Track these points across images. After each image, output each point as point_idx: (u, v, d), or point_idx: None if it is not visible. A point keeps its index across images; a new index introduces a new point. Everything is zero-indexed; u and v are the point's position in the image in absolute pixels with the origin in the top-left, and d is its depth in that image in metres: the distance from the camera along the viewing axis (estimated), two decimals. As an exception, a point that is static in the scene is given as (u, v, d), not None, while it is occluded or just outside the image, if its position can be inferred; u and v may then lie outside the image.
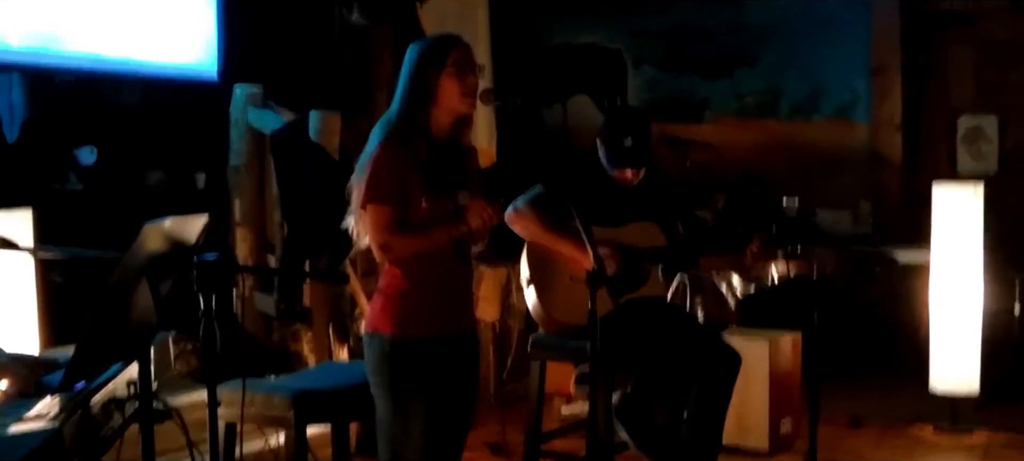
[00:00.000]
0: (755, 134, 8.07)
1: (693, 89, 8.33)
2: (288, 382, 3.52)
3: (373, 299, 3.08)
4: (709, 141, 7.58)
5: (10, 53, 4.37)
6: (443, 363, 2.99)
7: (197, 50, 5.24)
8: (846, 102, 7.81)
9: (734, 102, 8.21)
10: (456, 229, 2.91)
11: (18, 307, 3.39)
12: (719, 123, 8.22)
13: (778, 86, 8.03)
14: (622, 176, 4.07)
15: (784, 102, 8.04)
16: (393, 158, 2.91)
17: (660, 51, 8.41)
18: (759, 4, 8.01)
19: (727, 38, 8.14)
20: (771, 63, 8.03)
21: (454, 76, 2.97)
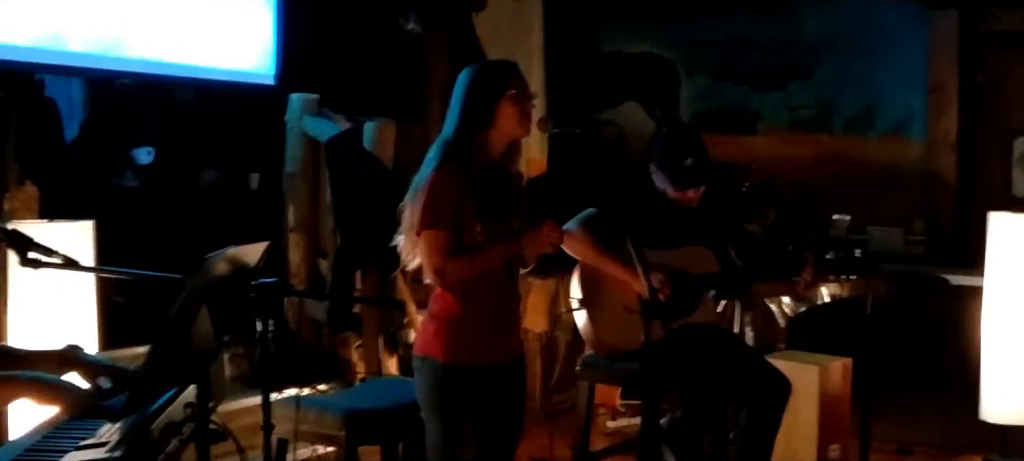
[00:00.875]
0: (807, 148, 8.00)
1: (746, 101, 8.27)
2: (339, 400, 3.55)
3: (424, 323, 3.10)
4: (764, 166, 7.50)
5: (73, 57, 4.44)
6: (494, 390, 3.00)
7: (255, 56, 5.29)
8: (901, 119, 7.71)
9: (787, 115, 8.14)
10: (510, 250, 2.91)
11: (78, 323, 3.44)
12: (771, 136, 8.16)
13: (832, 100, 7.95)
14: (684, 197, 4.04)
15: (838, 117, 7.96)
16: (449, 182, 2.91)
17: (713, 61, 8.36)
18: (816, 17, 7.94)
19: (782, 50, 8.07)
20: (826, 77, 7.95)
21: (513, 102, 2.98)
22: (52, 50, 4.31)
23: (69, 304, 3.47)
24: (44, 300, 3.41)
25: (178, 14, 4.87)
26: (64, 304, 3.45)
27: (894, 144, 7.72)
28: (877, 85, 7.75)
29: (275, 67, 5.32)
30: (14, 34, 4.14)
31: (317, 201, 5.18)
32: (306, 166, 5.15)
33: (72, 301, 3.46)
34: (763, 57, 8.14)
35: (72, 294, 3.41)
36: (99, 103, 5.65)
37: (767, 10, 8.10)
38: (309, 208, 5.18)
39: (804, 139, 8.04)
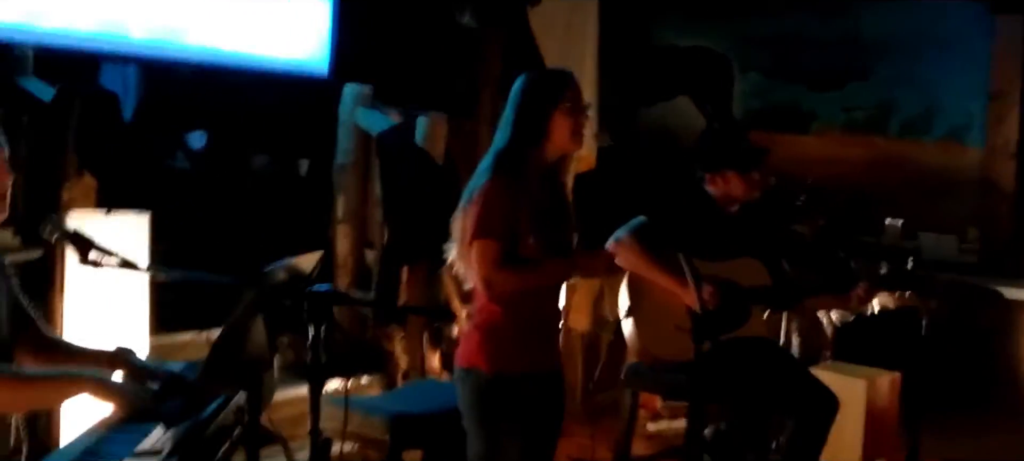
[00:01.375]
0: (862, 150, 7.89)
1: (799, 99, 8.17)
2: (384, 402, 3.57)
3: (467, 333, 3.08)
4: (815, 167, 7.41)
5: (132, 45, 4.49)
6: (536, 400, 2.99)
7: (311, 47, 5.32)
8: (960, 124, 7.58)
9: (842, 116, 8.03)
10: (566, 273, 2.94)
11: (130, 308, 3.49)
12: (824, 136, 8.06)
13: (889, 102, 7.83)
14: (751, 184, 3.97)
15: (895, 119, 7.84)
16: (502, 193, 2.89)
17: (768, 58, 8.26)
18: (876, 16, 7.80)
19: (839, 49, 7.95)
20: (884, 78, 7.83)
21: (567, 114, 2.95)
22: (113, 37, 4.36)
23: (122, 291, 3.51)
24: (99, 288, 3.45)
25: (236, 4, 4.90)
26: (117, 290, 3.49)
27: (951, 149, 7.59)
28: (936, 88, 7.61)
29: (329, 59, 5.34)
30: (76, 21, 4.20)
31: (366, 193, 5.19)
32: (357, 158, 5.17)
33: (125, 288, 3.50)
34: (819, 55, 8.03)
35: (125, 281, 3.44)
36: (154, 88, 5.70)
37: (825, 7, 7.98)
38: (358, 200, 5.20)
39: (858, 141, 7.93)
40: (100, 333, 3.47)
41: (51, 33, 4.22)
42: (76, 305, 3.46)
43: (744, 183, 3.96)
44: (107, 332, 3.47)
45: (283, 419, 4.11)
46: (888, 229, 7.55)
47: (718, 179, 3.99)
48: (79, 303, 3.45)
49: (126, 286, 3.43)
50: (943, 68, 7.56)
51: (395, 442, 3.30)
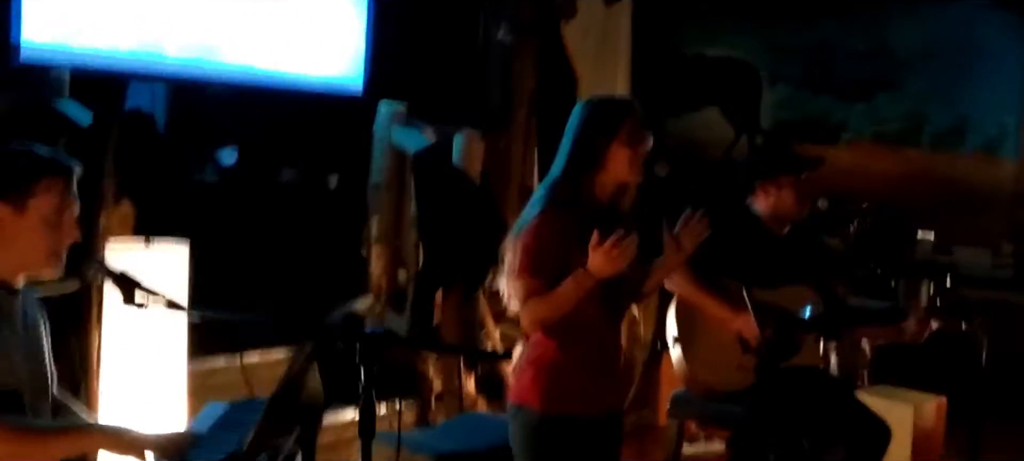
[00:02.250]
0: (893, 162, 7.80)
1: (830, 111, 8.08)
2: (430, 439, 3.48)
3: (522, 369, 2.98)
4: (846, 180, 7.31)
5: (167, 64, 4.42)
6: (591, 441, 2.89)
7: (344, 64, 5.25)
8: (993, 137, 7.48)
9: (872, 127, 7.94)
10: (581, 282, 2.71)
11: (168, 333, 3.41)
12: (855, 148, 7.97)
13: (921, 114, 7.74)
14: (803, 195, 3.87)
15: (927, 131, 7.74)
16: (553, 229, 2.79)
17: (798, 69, 8.18)
18: (907, 28, 7.71)
19: (870, 60, 7.87)
20: (915, 90, 7.74)
21: (625, 145, 2.86)
22: (149, 56, 4.29)
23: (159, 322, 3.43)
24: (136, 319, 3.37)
25: (270, 22, 4.85)
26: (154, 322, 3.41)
27: (984, 162, 7.50)
28: (968, 100, 7.52)
29: (363, 76, 5.27)
30: (112, 41, 4.13)
31: (401, 213, 5.11)
32: (392, 177, 5.08)
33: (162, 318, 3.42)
34: (850, 66, 7.95)
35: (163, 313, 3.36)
36: (183, 105, 5.63)
37: (856, 18, 7.89)
38: (393, 220, 5.11)
39: (889, 153, 7.83)
40: (137, 364, 3.39)
41: (87, 53, 4.15)
42: (114, 337, 3.38)
43: (796, 193, 3.86)
44: (144, 363, 3.39)
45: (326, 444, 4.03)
46: (920, 243, 7.46)
47: (771, 188, 3.88)
48: (116, 335, 3.38)
49: (163, 317, 3.34)
50: (975, 80, 7.47)
51: (443, 480, 3.22)
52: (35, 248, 2.30)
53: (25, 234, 2.27)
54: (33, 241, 2.28)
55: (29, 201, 2.26)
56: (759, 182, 3.91)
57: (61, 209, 2.31)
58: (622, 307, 2.98)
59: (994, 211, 7.35)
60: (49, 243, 2.31)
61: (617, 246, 2.64)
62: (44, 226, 2.28)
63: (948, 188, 7.52)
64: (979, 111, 7.51)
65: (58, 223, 2.30)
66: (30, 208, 2.26)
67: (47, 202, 2.28)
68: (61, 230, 2.31)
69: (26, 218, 2.26)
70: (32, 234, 2.28)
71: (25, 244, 2.28)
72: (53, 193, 2.29)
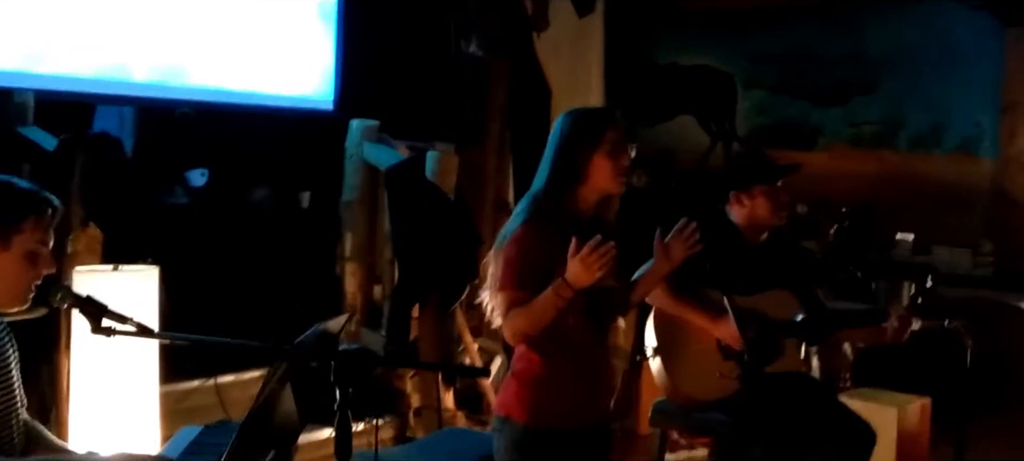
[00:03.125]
0: (870, 165, 7.80)
1: (806, 116, 8.08)
2: (408, 455, 3.43)
3: (506, 382, 2.94)
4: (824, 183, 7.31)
5: (135, 87, 4.36)
6: (576, 455, 2.85)
7: (315, 82, 5.19)
8: (970, 136, 7.49)
9: (849, 131, 7.94)
10: (559, 292, 2.64)
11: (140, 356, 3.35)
12: (832, 151, 7.97)
13: (897, 116, 7.75)
14: (779, 204, 3.84)
15: (903, 133, 7.75)
16: (537, 239, 2.75)
17: (773, 75, 8.19)
18: (881, 30, 7.73)
19: (845, 64, 7.88)
20: (891, 92, 7.75)
21: (608, 156, 2.82)
22: (115, 80, 4.24)
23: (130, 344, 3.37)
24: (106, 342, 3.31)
25: (238, 42, 4.79)
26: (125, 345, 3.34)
27: (962, 162, 7.50)
28: (945, 101, 7.53)
29: (334, 93, 5.22)
30: (77, 65, 4.06)
31: (375, 229, 5.06)
32: (364, 194, 5.04)
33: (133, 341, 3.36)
34: (825, 71, 7.96)
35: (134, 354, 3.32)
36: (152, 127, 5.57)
37: (830, 23, 7.91)
38: (366, 236, 5.07)
39: (867, 156, 7.84)
40: (108, 388, 3.33)
41: (51, 78, 4.09)
42: (83, 362, 3.32)
43: (771, 202, 3.83)
44: (116, 386, 3.32)
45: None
46: (899, 244, 7.46)
47: (745, 199, 3.85)
48: (86, 359, 3.31)
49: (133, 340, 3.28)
50: (950, 80, 7.48)
51: (424, 499, 3.16)
52: (16, 283, 2.28)
53: (6, 268, 2.25)
54: (14, 276, 2.27)
55: (14, 237, 2.25)
56: (733, 192, 3.88)
57: (44, 244, 2.28)
58: (607, 319, 2.95)
59: (973, 210, 7.35)
60: (29, 278, 2.29)
61: (593, 253, 2.59)
62: (26, 261, 2.27)
63: (926, 189, 7.52)
64: (955, 111, 7.52)
65: (38, 258, 2.27)
66: (14, 244, 2.25)
67: (31, 239, 2.27)
68: (39, 265, 2.29)
69: (9, 253, 2.25)
70: (13, 268, 2.26)
71: (6, 279, 2.26)
72: (39, 230, 2.28)
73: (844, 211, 7.39)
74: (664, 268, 2.96)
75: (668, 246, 2.91)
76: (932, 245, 7.29)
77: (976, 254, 7.24)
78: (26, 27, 3.98)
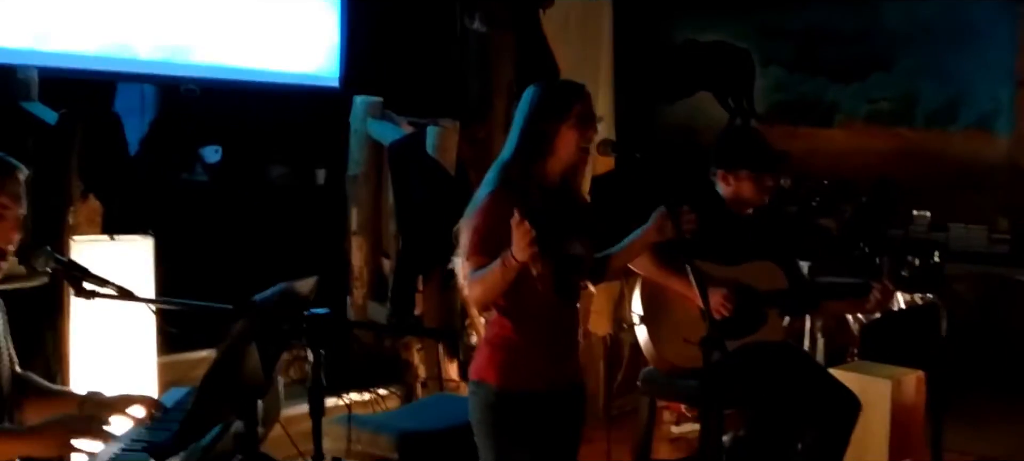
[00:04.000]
0: (887, 141, 7.80)
1: (823, 92, 8.08)
2: (393, 419, 3.54)
3: (479, 347, 3.05)
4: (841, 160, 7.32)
5: (139, 64, 4.49)
6: (547, 416, 2.93)
7: (320, 59, 5.30)
8: (987, 113, 7.47)
9: (865, 107, 7.93)
10: (506, 262, 2.68)
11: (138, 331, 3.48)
12: (848, 129, 7.97)
13: (914, 93, 7.73)
14: (763, 189, 3.89)
15: (920, 110, 7.73)
16: (502, 209, 2.80)
17: (790, 51, 8.19)
18: (898, 7, 7.71)
19: (862, 41, 7.87)
20: (907, 69, 7.73)
21: (574, 128, 2.88)
22: (121, 58, 4.36)
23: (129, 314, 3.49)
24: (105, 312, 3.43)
25: (244, 19, 4.89)
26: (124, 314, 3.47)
27: (978, 139, 7.49)
28: (961, 78, 7.51)
29: (339, 70, 5.32)
30: (84, 43, 4.20)
31: (380, 204, 5.17)
32: (369, 169, 5.15)
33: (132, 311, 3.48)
34: (842, 47, 7.95)
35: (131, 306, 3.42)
36: (169, 103, 5.72)
37: (847, 0, 7.91)
38: (372, 211, 5.17)
39: (883, 132, 7.83)
40: (108, 358, 3.46)
41: (57, 55, 4.23)
42: (83, 330, 3.45)
43: (755, 186, 3.88)
44: (114, 356, 3.46)
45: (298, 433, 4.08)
46: (916, 221, 7.45)
47: (730, 178, 3.91)
48: (86, 328, 3.45)
49: (133, 310, 3.40)
50: (967, 57, 7.45)
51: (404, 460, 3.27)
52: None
53: None
54: None
55: None
56: (719, 169, 3.94)
57: (6, 207, 2.37)
58: (574, 286, 3.01)
59: (989, 187, 7.33)
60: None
61: (517, 229, 2.61)
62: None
63: (943, 166, 7.51)
64: (971, 88, 7.50)
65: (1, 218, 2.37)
66: None
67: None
68: (3, 225, 2.38)
69: None
70: None
71: None
72: None
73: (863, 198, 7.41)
74: (653, 238, 3.02)
75: (667, 221, 2.95)
76: (949, 222, 7.28)
77: (992, 231, 7.22)
78: (33, 5, 4.11)
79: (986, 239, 7.21)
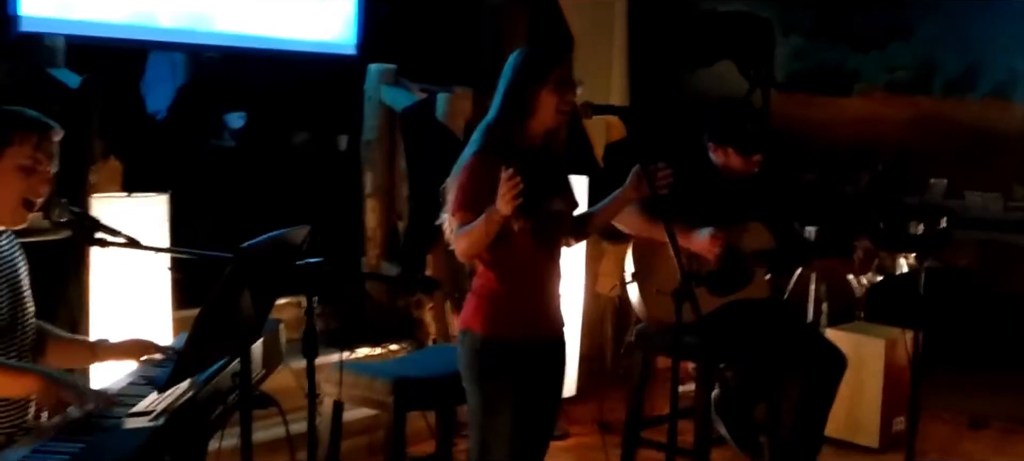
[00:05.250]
0: (905, 110, 7.84)
1: (842, 61, 8.13)
2: (390, 367, 3.73)
3: (468, 297, 3.23)
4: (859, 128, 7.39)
5: (161, 33, 4.70)
6: (530, 363, 3.09)
7: (338, 28, 5.48)
8: (1004, 81, 7.49)
9: (885, 76, 7.97)
10: (490, 217, 2.86)
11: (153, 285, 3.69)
12: (868, 97, 8.02)
13: (932, 61, 7.76)
14: (749, 164, 4.07)
15: (938, 78, 7.76)
16: (485, 168, 2.97)
17: (810, 20, 8.23)
18: (916, -25, 7.74)
19: (881, 9, 7.89)
20: (926, 37, 7.75)
21: (554, 92, 3.03)
22: (144, 26, 4.58)
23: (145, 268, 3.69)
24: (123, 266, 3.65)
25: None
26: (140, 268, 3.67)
27: (996, 107, 7.51)
28: (979, 47, 7.53)
29: (357, 38, 5.50)
30: (109, 12, 4.41)
31: (393, 168, 5.36)
32: (382, 134, 5.34)
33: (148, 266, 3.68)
34: (861, 16, 7.98)
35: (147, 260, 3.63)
36: (195, 71, 5.94)
37: (866, -32, 7.95)
38: (385, 175, 5.37)
39: (902, 101, 7.87)
40: (125, 309, 3.69)
41: (81, 23, 4.46)
42: (102, 283, 3.68)
43: (742, 160, 4.05)
44: (132, 308, 3.68)
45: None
46: (933, 188, 7.52)
47: (719, 151, 4.09)
48: (105, 281, 3.68)
49: (148, 264, 3.62)
50: (985, 25, 7.46)
51: (399, 404, 3.47)
52: (9, 194, 2.59)
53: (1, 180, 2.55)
54: (7, 187, 2.57)
55: (5, 150, 2.55)
56: (710, 142, 4.11)
57: (35, 161, 2.59)
58: (554, 241, 3.18)
59: (1006, 155, 7.36)
60: (20, 190, 2.59)
61: (505, 184, 2.77)
62: (17, 174, 2.56)
63: (960, 134, 7.55)
64: (989, 56, 7.51)
65: (31, 174, 2.58)
66: (5, 157, 2.56)
67: (21, 153, 2.56)
68: (33, 181, 2.59)
69: (2, 166, 2.55)
70: (6, 180, 2.56)
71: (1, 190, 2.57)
72: (27, 145, 2.57)
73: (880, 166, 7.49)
74: (632, 196, 3.19)
75: (642, 179, 3.11)
76: (965, 190, 7.34)
77: (1008, 199, 7.27)
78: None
79: (1002, 206, 7.26)
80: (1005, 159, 7.35)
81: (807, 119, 8.15)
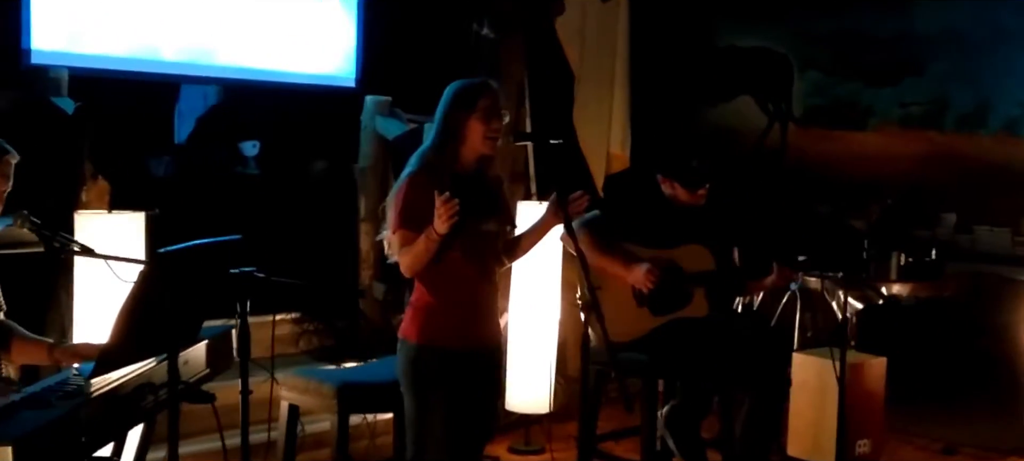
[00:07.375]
0: (918, 145, 7.91)
1: (858, 96, 8.25)
2: (346, 373, 4.01)
3: (407, 310, 3.48)
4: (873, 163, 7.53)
5: (165, 66, 5.06)
6: (461, 371, 3.32)
7: (338, 61, 5.79)
8: (1015, 117, 7.53)
9: (898, 111, 8.07)
10: (429, 237, 3.12)
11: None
12: (882, 132, 8.12)
13: (944, 97, 7.83)
14: (696, 196, 4.30)
15: (949, 114, 7.84)
16: (420, 189, 3.24)
17: (826, 56, 8.36)
18: (930, 12, 7.82)
19: (895, 45, 7.99)
20: (939, 73, 7.84)
21: (481, 121, 3.30)
22: (146, 60, 4.94)
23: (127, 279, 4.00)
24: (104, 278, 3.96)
25: (265, 23, 5.39)
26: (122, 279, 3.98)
27: (1007, 143, 7.55)
28: (991, 82, 7.59)
29: (356, 71, 5.81)
30: (115, 47, 4.78)
31: (386, 193, 5.63)
32: (376, 161, 5.65)
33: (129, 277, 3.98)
34: (876, 52, 8.09)
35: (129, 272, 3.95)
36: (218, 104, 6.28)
37: (881, 4, 8.05)
38: (378, 200, 5.64)
39: (915, 135, 7.95)
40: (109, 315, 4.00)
41: (88, 57, 4.85)
42: (84, 292, 4.02)
43: (687, 193, 4.28)
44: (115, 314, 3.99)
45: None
46: (943, 222, 7.58)
47: (667, 183, 4.33)
48: (87, 291, 4.01)
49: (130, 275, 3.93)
50: (998, 61, 7.53)
51: (342, 408, 3.75)
52: None
53: None
54: None
55: None
56: (658, 173, 4.35)
57: None
58: (487, 259, 3.41)
59: (1015, 190, 7.40)
60: None
61: (442, 206, 3.05)
62: None
63: (971, 169, 7.60)
64: (1001, 92, 7.57)
65: None
66: None
67: None
68: None
69: None
70: None
71: None
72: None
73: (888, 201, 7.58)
74: (552, 222, 3.44)
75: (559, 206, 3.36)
76: (974, 225, 7.40)
77: (1015, 234, 7.30)
78: (67, 13, 4.72)
79: (1010, 241, 7.29)
80: (1016, 194, 7.38)
81: (823, 153, 8.27)
